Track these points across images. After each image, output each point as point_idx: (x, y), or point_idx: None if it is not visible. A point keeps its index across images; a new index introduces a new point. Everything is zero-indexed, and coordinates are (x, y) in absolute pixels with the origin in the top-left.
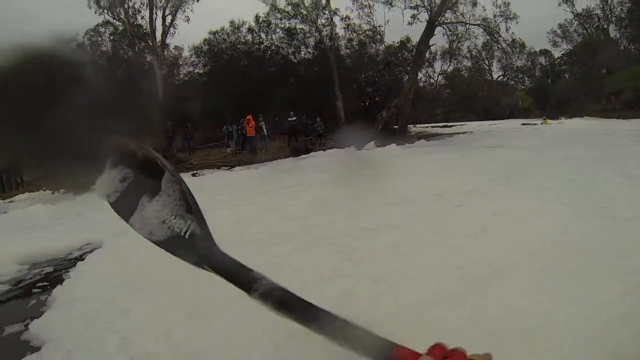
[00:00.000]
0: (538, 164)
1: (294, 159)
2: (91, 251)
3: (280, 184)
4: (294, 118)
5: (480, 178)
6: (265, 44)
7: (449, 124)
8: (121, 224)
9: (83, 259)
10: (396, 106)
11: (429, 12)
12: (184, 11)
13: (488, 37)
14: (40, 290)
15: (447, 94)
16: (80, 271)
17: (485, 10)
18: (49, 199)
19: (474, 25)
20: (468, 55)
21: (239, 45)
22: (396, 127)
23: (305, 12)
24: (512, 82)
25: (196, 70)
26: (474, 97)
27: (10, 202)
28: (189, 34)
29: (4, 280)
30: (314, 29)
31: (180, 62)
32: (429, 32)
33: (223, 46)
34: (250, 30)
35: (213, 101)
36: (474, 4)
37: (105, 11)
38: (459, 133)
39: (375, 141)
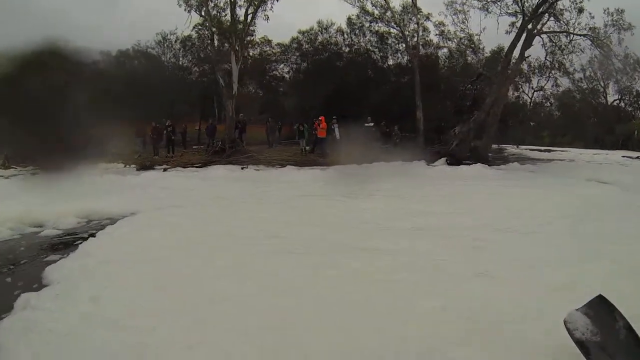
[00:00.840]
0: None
1: (359, 165)
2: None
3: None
4: (372, 124)
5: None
6: (356, 46)
7: (552, 148)
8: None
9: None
10: (475, 122)
11: (524, 18)
12: (264, 10)
13: (597, 51)
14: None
15: (556, 116)
16: (104, 233)
17: (593, 17)
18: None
19: (580, 35)
20: (578, 71)
21: (328, 46)
22: (475, 144)
23: (391, 16)
24: (630, 109)
25: (284, 67)
26: (585, 122)
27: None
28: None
29: (60, 228)
30: (405, 33)
31: (272, 59)
32: (525, 42)
33: (313, 46)
34: (340, 31)
35: (300, 99)
36: (580, 11)
37: (193, 9)
38: (557, 160)
39: (447, 159)
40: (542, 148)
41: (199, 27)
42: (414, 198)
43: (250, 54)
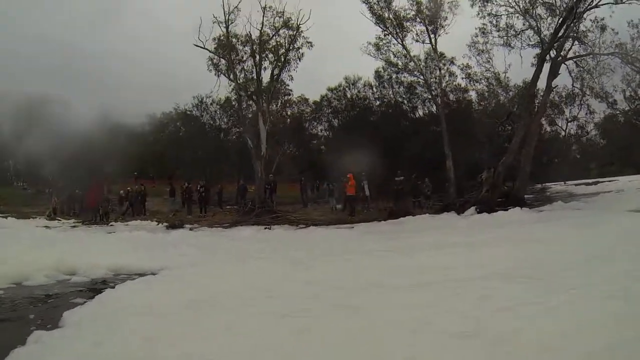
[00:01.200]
0: None
1: (386, 222)
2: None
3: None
4: (402, 178)
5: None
6: (386, 99)
7: (600, 180)
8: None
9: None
10: (503, 164)
11: (542, 47)
12: (289, 70)
13: (628, 68)
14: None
15: (601, 145)
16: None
17: (617, 33)
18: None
19: (607, 55)
20: (616, 92)
21: (358, 101)
22: (509, 188)
23: (414, 66)
24: None
25: (318, 125)
26: (633, 148)
27: (126, 224)
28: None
29: (91, 277)
30: (429, 81)
31: (307, 117)
32: (550, 71)
33: (342, 102)
34: (369, 85)
35: (335, 156)
36: (602, 29)
37: (222, 73)
38: (604, 192)
39: (477, 207)
40: (590, 181)
41: (230, 90)
42: (423, 252)
43: (289, 112)
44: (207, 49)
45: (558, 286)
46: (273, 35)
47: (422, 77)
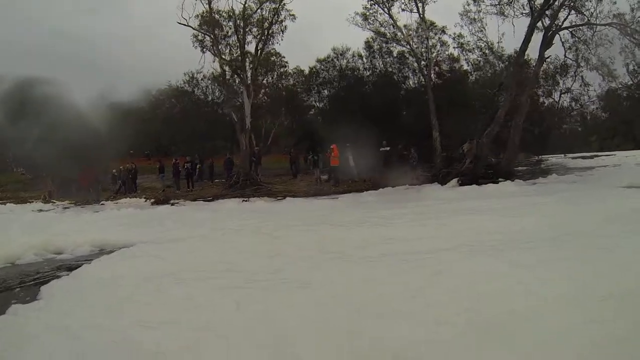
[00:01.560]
0: None
1: (368, 193)
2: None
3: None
4: (387, 148)
5: None
6: (377, 70)
7: (598, 154)
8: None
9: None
10: (488, 136)
11: (532, 15)
12: (273, 44)
13: (627, 40)
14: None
15: (603, 119)
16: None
17: (615, 3)
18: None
19: (604, 25)
20: (618, 65)
21: (347, 72)
22: (497, 160)
23: (402, 36)
24: None
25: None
26: (635, 122)
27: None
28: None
29: (76, 255)
30: (415, 51)
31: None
32: (543, 41)
33: (332, 73)
34: (359, 56)
35: (328, 127)
36: None
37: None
38: (600, 167)
39: (459, 179)
40: (588, 154)
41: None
42: (395, 224)
43: (284, 84)
44: (190, 26)
45: (511, 259)
46: (257, 9)
47: (408, 46)
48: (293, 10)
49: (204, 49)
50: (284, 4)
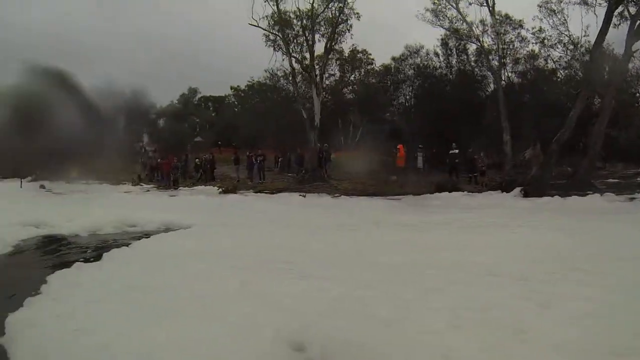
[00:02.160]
0: None
1: (428, 196)
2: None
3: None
4: (456, 151)
5: None
6: (454, 68)
7: None
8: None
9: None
10: (558, 141)
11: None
12: (340, 42)
13: None
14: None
15: None
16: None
17: None
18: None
19: None
20: None
21: (426, 70)
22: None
23: (468, 29)
24: None
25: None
26: None
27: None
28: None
29: (145, 229)
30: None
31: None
32: (630, 32)
33: (410, 71)
34: (435, 54)
35: (409, 125)
36: None
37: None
38: None
39: (522, 189)
40: None
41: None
42: (436, 230)
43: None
44: (261, 27)
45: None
46: (324, 9)
47: (479, 43)
48: (357, 9)
49: (277, 48)
50: (348, 2)
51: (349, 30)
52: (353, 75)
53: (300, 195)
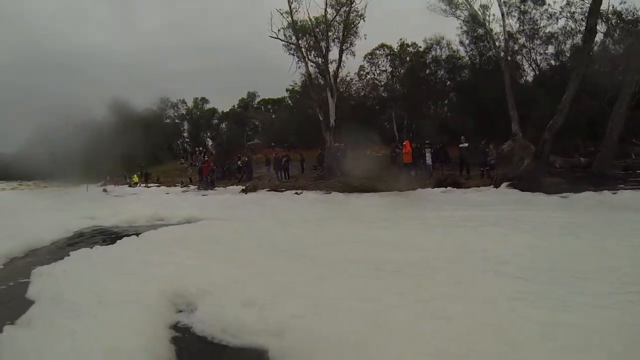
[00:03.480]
0: None
1: (409, 191)
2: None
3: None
4: (466, 144)
5: None
6: (477, 59)
7: None
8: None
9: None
10: (551, 129)
11: None
12: (349, 46)
13: None
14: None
15: None
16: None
17: None
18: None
19: None
20: None
21: (443, 62)
22: (585, 160)
23: (471, 13)
24: None
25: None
26: None
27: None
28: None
29: (170, 222)
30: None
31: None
32: None
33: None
34: (460, 43)
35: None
36: None
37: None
38: None
39: (511, 182)
40: None
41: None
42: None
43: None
44: (279, 39)
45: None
46: (335, 16)
47: (482, 27)
48: (362, 10)
49: (298, 56)
50: (352, 6)
51: (356, 32)
52: (401, 69)
53: (295, 193)
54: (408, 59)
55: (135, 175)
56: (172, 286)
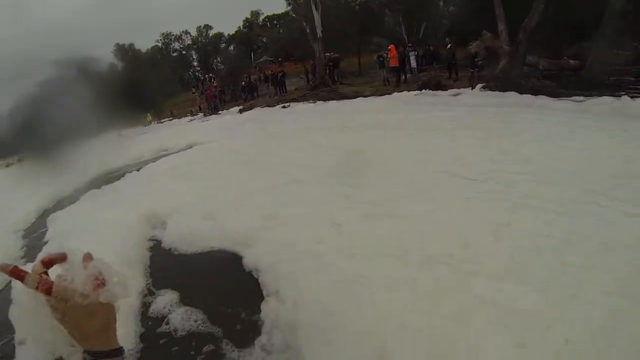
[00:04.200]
0: None
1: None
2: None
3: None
4: (449, 46)
5: None
6: None
7: None
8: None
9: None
10: (525, 29)
11: None
12: None
13: None
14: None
15: None
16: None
17: None
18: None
19: None
20: None
21: None
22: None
23: None
24: None
25: None
26: None
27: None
28: None
29: (172, 151)
30: None
31: None
32: None
33: None
34: None
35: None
36: None
37: None
38: None
39: (486, 84)
40: None
41: None
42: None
43: None
44: None
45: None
46: None
47: None
48: None
49: None
50: None
51: None
52: None
53: (282, 107)
54: None
55: (148, 115)
56: (150, 209)
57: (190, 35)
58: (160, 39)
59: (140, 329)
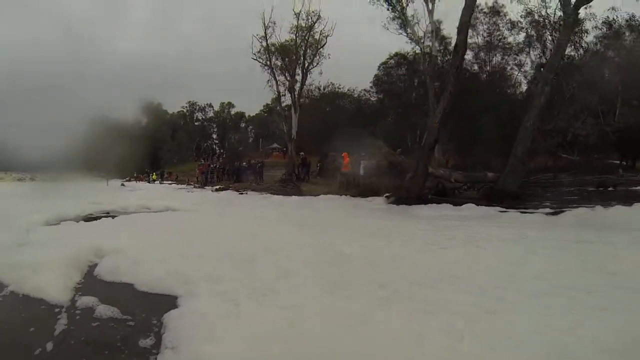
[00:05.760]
0: None
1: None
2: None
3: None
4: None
5: None
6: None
7: None
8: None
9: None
10: (425, 147)
11: None
12: (315, 66)
13: None
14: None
15: None
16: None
17: None
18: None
19: None
20: None
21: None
22: (494, 175)
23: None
24: None
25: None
26: None
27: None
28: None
29: (153, 210)
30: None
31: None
32: None
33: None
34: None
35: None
36: None
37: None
38: None
39: (391, 197)
40: None
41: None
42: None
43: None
44: (258, 61)
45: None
46: (300, 43)
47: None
48: (329, 31)
49: (269, 74)
50: (312, 32)
51: (321, 54)
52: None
53: (239, 193)
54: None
55: (154, 173)
56: (100, 244)
57: (213, 109)
58: (186, 106)
59: None
